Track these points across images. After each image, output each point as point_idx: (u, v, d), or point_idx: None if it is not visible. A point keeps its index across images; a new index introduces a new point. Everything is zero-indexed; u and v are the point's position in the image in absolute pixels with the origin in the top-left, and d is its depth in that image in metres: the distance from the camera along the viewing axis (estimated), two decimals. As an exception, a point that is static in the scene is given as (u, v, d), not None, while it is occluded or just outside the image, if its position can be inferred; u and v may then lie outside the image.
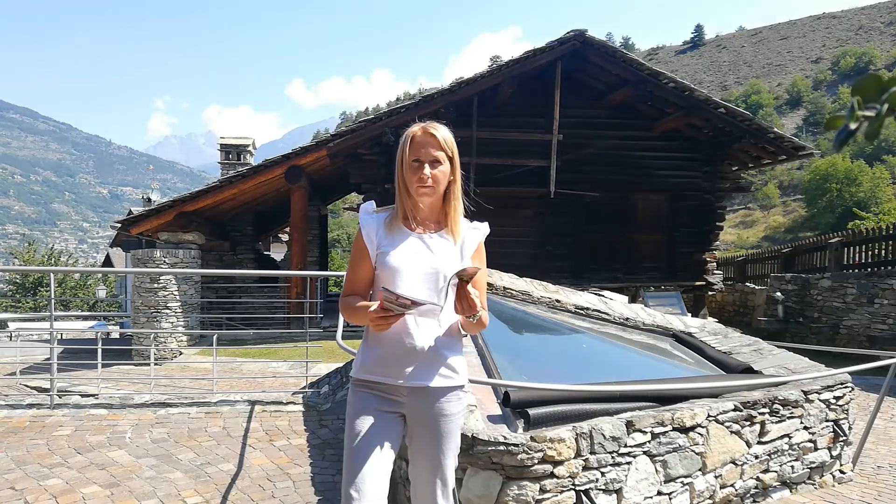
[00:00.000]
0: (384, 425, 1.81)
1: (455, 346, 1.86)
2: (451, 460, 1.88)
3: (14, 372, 6.97)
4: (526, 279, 5.29)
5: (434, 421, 1.83)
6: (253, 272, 6.07)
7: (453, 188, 1.85)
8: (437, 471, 1.86)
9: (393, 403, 1.83)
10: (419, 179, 1.78)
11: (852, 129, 0.76)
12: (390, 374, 1.80)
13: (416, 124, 1.84)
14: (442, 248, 1.83)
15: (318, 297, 12.45)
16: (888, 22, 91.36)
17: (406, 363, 1.79)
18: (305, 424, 4.42)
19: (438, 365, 1.81)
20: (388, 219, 1.87)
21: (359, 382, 1.86)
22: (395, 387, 1.81)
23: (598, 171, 12.26)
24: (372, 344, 1.85)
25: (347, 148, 11.09)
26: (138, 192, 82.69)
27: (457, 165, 1.85)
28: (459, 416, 1.87)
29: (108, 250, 32.14)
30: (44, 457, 3.68)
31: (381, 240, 1.84)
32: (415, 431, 1.86)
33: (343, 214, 56.52)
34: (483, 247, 1.93)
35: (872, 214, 25.42)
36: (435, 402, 1.82)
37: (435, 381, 1.81)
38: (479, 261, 1.90)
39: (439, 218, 1.88)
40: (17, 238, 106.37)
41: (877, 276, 9.84)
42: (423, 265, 1.80)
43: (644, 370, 4.09)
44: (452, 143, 1.84)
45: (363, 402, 1.83)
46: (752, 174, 47.84)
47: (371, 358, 1.84)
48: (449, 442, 1.86)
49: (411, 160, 1.79)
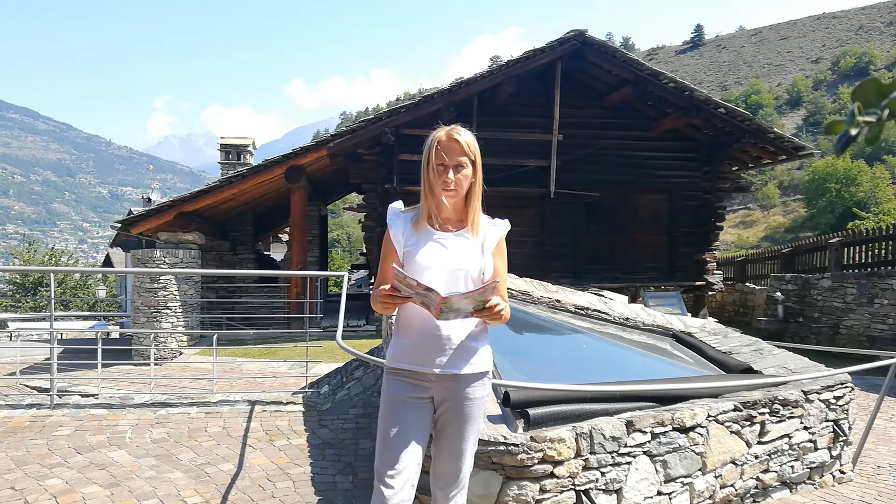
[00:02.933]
0: (416, 412, 1.94)
1: (480, 336, 1.98)
2: (472, 440, 2.01)
3: (14, 372, 6.97)
4: (526, 279, 5.28)
5: (461, 405, 1.95)
6: (253, 272, 6.07)
7: (475, 189, 1.96)
8: (460, 451, 1.99)
9: (423, 389, 1.95)
10: (444, 183, 1.90)
11: (853, 134, 0.76)
12: (421, 363, 1.92)
13: (441, 128, 1.95)
14: (464, 245, 1.95)
15: (318, 297, 12.46)
16: (888, 22, 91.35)
17: (435, 352, 1.91)
18: (305, 424, 4.41)
19: (466, 353, 1.93)
20: (415, 218, 1.98)
21: (392, 371, 1.98)
22: (425, 374, 1.93)
23: (598, 171, 12.26)
24: (402, 334, 1.97)
25: (347, 148, 11.09)
26: (138, 192, 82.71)
27: (478, 168, 1.96)
28: (483, 400, 2.01)
29: (108, 250, 32.13)
30: (44, 457, 3.68)
31: (407, 238, 1.96)
32: (442, 414, 1.98)
33: (343, 214, 56.47)
34: (504, 243, 2.05)
35: (872, 214, 25.42)
36: (463, 388, 1.94)
37: (464, 369, 1.93)
38: (500, 256, 2.02)
39: (462, 216, 1.98)
40: (17, 238, 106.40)
41: (877, 276, 9.84)
42: (447, 262, 1.92)
43: (644, 370, 4.09)
44: (475, 146, 1.94)
45: (396, 390, 1.96)
46: (752, 174, 47.82)
47: (402, 348, 1.96)
48: (473, 424, 1.99)
49: (437, 164, 1.90)
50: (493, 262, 1.99)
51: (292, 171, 11.37)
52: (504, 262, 2.05)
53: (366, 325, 12.00)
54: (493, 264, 1.99)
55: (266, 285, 14.25)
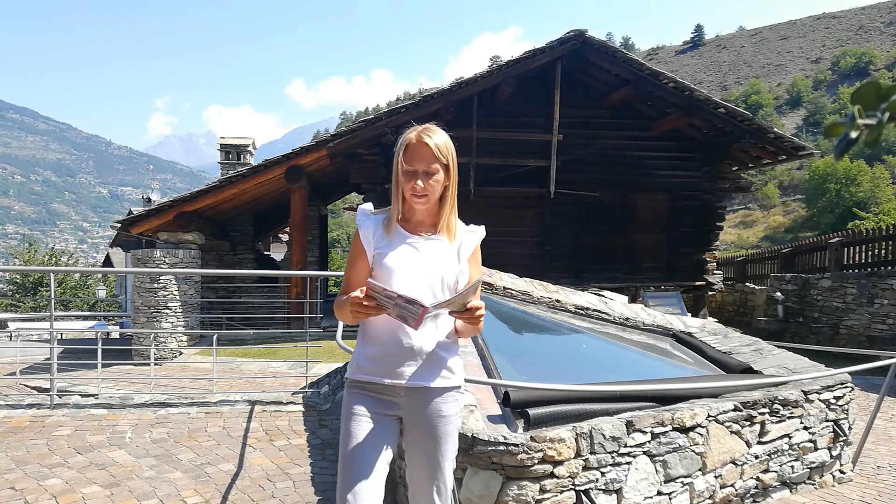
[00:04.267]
0: (380, 428, 1.79)
1: (451, 347, 1.85)
2: (449, 462, 1.86)
3: (14, 372, 6.97)
4: (526, 279, 5.29)
5: (432, 423, 1.81)
6: (253, 272, 6.07)
7: (449, 192, 1.84)
8: (436, 473, 1.84)
9: (389, 405, 1.81)
10: (412, 188, 1.77)
11: (853, 137, 0.76)
12: (387, 375, 1.78)
13: (412, 129, 1.81)
14: (437, 249, 1.83)
15: (318, 297, 12.45)
16: (888, 22, 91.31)
17: (403, 363, 1.77)
18: (305, 424, 4.42)
19: (436, 365, 1.80)
20: (386, 220, 1.86)
21: (354, 384, 1.84)
22: (391, 387, 1.79)
23: (598, 171, 12.26)
24: (367, 343, 1.83)
25: (347, 148, 11.09)
26: (138, 192, 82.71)
27: (453, 171, 1.83)
28: (457, 417, 1.86)
29: (108, 250, 32.13)
30: (44, 457, 3.68)
31: (378, 241, 1.84)
32: (412, 434, 1.84)
33: (343, 214, 56.52)
34: (479, 250, 1.94)
35: (872, 214, 25.42)
36: (432, 403, 1.80)
37: (434, 382, 1.79)
38: (475, 263, 1.91)
39: (435, 220, 1.87)
40: (17, 238, 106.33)
41: (877, 276, 9.84)
42: (419, 266, 1.80)
43: (644, 370, 4.09)
44: (448, 149, 1.80)
45: (358, 405, 1.81)
46: (752, 174, 47.82)
47: (366, 358, 1.82)
48: (447, 444, 1.84)
49: (405, 169, 1.78)
50: (468, 270, 1.88)
51: (292, 171, 11.37)
52: (479, 269, 1.94)
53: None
54: (469, 272, 1.88)
55: (266, 285, 14.25)
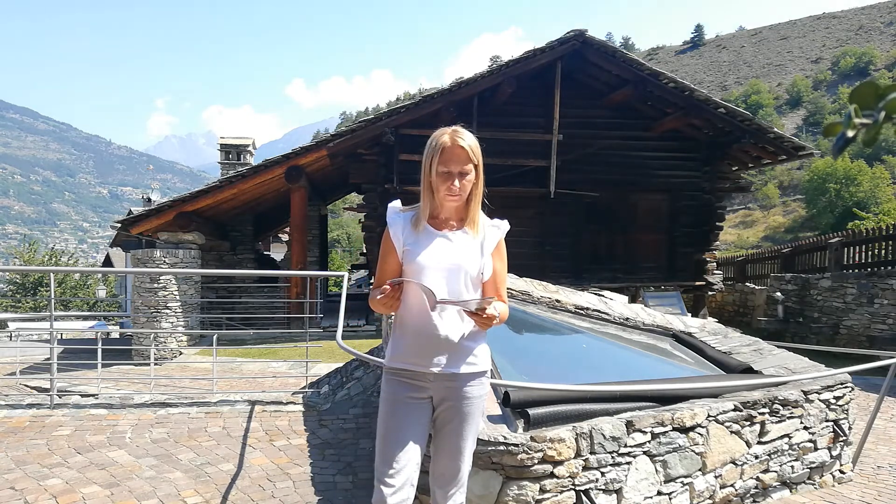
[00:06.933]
0: (416, 412, 1.96)
1: (478, 336, 1.99)
2: (471, 441, 2.03)
3: (14, 372, 6.97)
4: (526, 279, 5.28)
5: (459, 403, 1.97)
6: (253, 272, 6.07)
7: (476, 190, 1.96)
8: (459, 449, 2.00)
9: (422, 389, 1.97)
10: (448, 189, 1.90)
11: (850, 136, 0.77)
12: (419, 363, 1.94)
13: (444, 131, 1.92)
14: (463, 244, 1.96)
15: (318, 297, 12.46)
16: (888, 22, 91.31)
17: (434, 352, 1.92)
18: (305, 424, 4.41)
19: (463, 353, 1.95)
20: (414, 217, 1.98)
21: (391, 371, 2.00)
22: (423, 374, 1.95)
23: (598, 171, 12.26)
24: (400, 335, 1.99)
25: (347, 148, 11.09)
26: (138, 192, 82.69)
27: (481, 170, 1.96)
28: (482, 399, 2.02)
29: (108, 250, 32.12)
30: (44, 457, 3.68)
31: (407, 237, 1.96)
32: (441, 413, 2.00)
33: (343, 214, 56.45)
34: (503, 244, 2.06)
35: (872, 214, 25.42)
36: (462, 387, 1.96)
37: (462, 369, 1.95)
38: (499, 257, 2.03)
39: (462, 216, 1.99)
40: (17, 238, 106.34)
41: (877, 276, 9.84)
42: (447, 261, 1.92)
43: (644, 370, 4.09)
44: (478, 150, 1.94)
45: (395, 390, 1.98)
46: (752, 174, 47.79)
47: (400, 348, 1.98)
48: (471, 423, 2.01)
49: (441, 171, 1.89)
50: (492, 263, 2.00)
51: (292, 171, 11.37)
52: (504, 263, 2.06)
53: (366, 325, 12.00)
54: (493, 265, 2.00)
55: (266, 285, 14.24)
